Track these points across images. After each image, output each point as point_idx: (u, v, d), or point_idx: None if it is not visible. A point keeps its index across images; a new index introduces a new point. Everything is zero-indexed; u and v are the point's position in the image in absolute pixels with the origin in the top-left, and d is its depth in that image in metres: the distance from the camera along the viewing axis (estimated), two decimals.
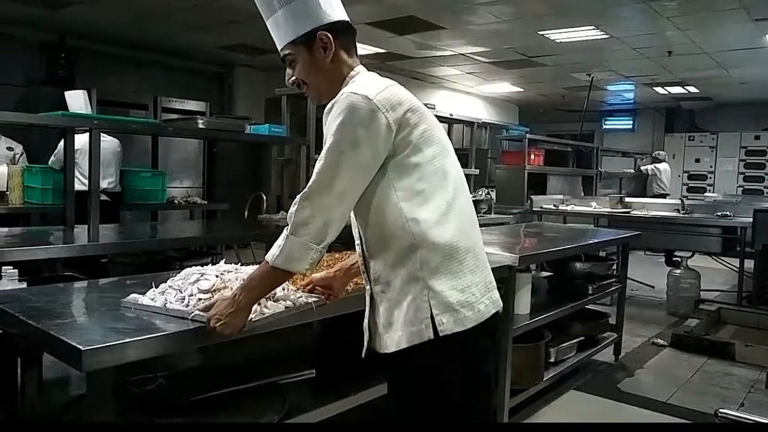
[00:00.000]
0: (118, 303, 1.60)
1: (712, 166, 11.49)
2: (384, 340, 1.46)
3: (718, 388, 3.57)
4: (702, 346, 4.22)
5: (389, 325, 1.45)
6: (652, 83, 9.69)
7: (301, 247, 1.37)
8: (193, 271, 1.72)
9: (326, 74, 1.49)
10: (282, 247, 1.38)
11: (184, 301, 1.57)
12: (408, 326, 1.41)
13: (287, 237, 1.38)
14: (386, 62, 8.32)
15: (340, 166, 1.37)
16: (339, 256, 2.04)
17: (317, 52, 1.48)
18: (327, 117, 1.42)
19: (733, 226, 5.38)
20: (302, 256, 1.39)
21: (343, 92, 1.41)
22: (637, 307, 5.43)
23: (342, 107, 1.38)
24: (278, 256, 1.38)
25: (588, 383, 3.61)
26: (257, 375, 1.99)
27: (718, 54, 7.47)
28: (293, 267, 1.40)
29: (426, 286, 1.41)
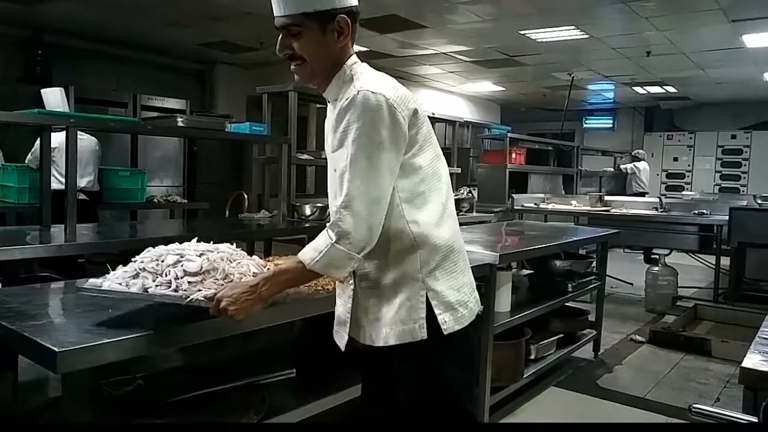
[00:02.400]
0: (96, 304, 1.58)
1: (690, 164, 11.68)
2: (370, 333, 1.48)
3: (695, 384, 3.63)
4: (679, 342, 4.29)
5: (376, 320, 1.47)
6: (632, 83, 9.81)
7: (344, 256, 1.37)
8: (163, 251, 1.58)
9: (330, 58, 1.45)
10: (323, 254, 1.37)
11: (171, 285, 1.47)
12: (399, 324, 1.44)
13: (331, 245, 1.36)
14: (369, 60, 8.27)
15: (372, 172, 1.37)
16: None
17: (330, 34, 1.42)
18: (341, 113, 1.38)
19: (710, 224, 5.48)
20: (343, 265, 1.39)
21: (357, 89, 1.36)
22: (616, 304, 5.51)
23: (363, 107, 1.35)
24: (318, 261, 1.37)
25: (568, 380, 3.66)
26: (237, 375, 1.98)
27: (696, 54, 7.58)
28: (332, 273, 1.41)
29: (425, 287, 1.44)
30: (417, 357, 1.46)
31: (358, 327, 1.51)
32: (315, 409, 1.91)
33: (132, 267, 1.54)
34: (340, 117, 1.38)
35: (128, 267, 1.54)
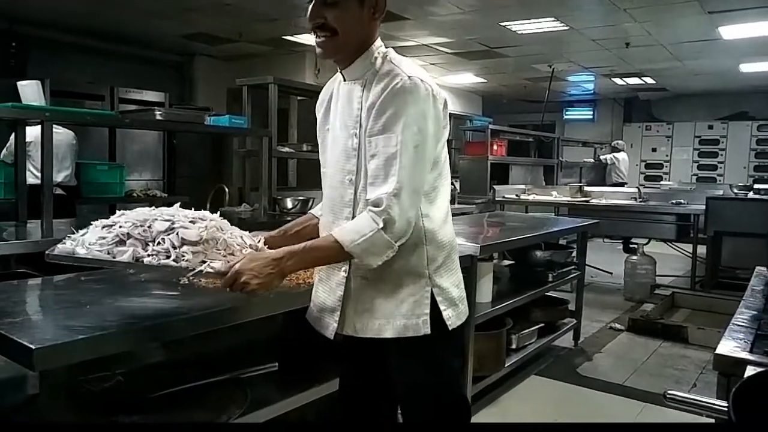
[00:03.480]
0: (73, 300, 1.57)
1: (668, 155, 11.83)
2: (354, 323, 1.47)
3: (672, 370, 3.71)
4: (657, 329, 4.37)
5: (365, 312, 1.46)
6: (611, 74, 9.89)
7: (386, 244, 1.35)
8: (146, 215, 1.41)
9: (360, 35, 1.43)
10: (366, 238, 1.33)
11: (169, 255, 1.33)
12: (400, 318, 1.43)
13: (376, 231, 1.33)
14: None
15: (418, 162, 1.37)
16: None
17: (367, 9, 1.41)
18: (388, 97, 1.35)
19: (687, 214, 5.57)
20: (381, 253, 1.36)
21: (406, 75, 1.36)
22: (595, 293, 5.58)
23: (416, 96, 1.35)
24: (359, 245, 1.33)
25: (548, 368, 3.70)
26: (219, 369, 1.97)
27: (673, 46, 7.66)
28: (367, 260, 1.36)
29: (430, 283, 1.45)
30: (418, 351, 1.45)
31: (343, 316, 1.49)
32: (298, 402, 1.91)
33: (113, 232, 1.36)
34: (388, 101, 1.35)
35: (104, 232, 1.37)
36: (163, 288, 1.81)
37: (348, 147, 1.45)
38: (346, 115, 1.46)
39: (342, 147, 1.46)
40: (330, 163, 1.52)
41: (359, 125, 1.42)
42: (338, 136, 1.48)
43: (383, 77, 1.39)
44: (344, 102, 1.48)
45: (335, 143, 1.49)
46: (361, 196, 1.42)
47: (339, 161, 1.47)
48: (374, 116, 1.37)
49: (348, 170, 1.45)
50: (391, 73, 1.38)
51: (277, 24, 6.96)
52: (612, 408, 3.16)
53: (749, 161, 10.94)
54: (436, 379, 1.49)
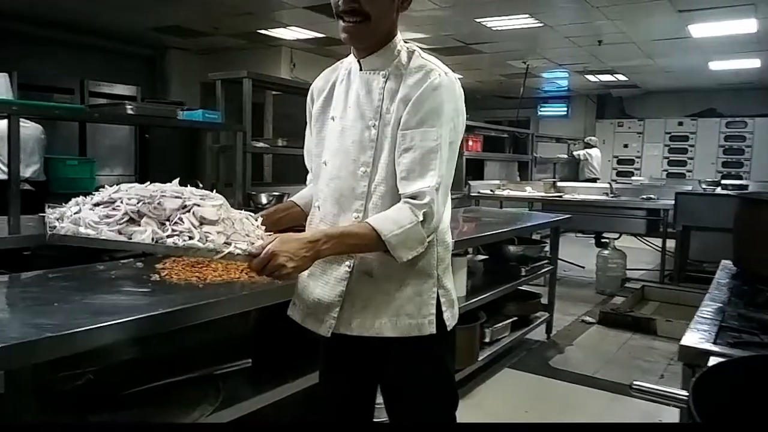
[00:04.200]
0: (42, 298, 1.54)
1: (640, 151, 12.03)
2: (350, 321, 1.43)
3: (641, 362, 3.79)
4: (627, 322, 4.47)
5: (364, 309, 1.42)
6: (584, 71, 10.03)
7: (420, 238, 1.33)
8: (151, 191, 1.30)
9: (388, 23, 1.41)
10: (405, 230, 1.30)
11: (193, 236, 1.22)
12: (404, 318, 1.41)
13: (416, 223, 1.31)
14: (325, 47, 8.24)
15: (452, 159, 1.38)
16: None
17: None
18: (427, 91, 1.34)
19: (657, 209, 5.69)
20: (414, 247, 1.34)
21: (433, 69, 1.37)
22: (568, 287, 5.67)
23: (452, 93, 1.37)
24: (396, 235, 1.30)
25: (521, 361, 3.76)
26: (192, 366, 1.96)
27: (645, 43, 7.79)
28: (399, 252, 1.32)
29: (437, 284, 1.44)
30: (419, 351, 1.44)
31: (341, 313, 1.44)
32: (271, 397, 1.91)
33: (120, 209, 1.24)
34: (426, 95, 1.34)
35: (106, 209, 1.26)
36: (133, 285, 1.80)
37: (364, 138, 1.40)
38: (364, 105, 1.42)
39: (356, 138, 1.42)
40: (336, 154, 1.45)
41: (379, 117, 1.39)
42: (350, 127, 1.43)
43: (416, 71, 1.38)
44: (361, 92, 1.43)
45: (345, 133, 1.44)
46: (377, 189, 1.39)
47: (350, 152, 1.42)
48: (411, 110, 1.35)
49: (363, 162, 1.40)
50: (425, 68, 1.38)
51: (252, 18, 6.90)
52: (582, 399, 3.22)
53: (717, 157, 11.19)
54: (435, 378, 1.49)
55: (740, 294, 1.95)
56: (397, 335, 1.41)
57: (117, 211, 1.24)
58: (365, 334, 1.42)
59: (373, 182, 1.40)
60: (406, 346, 1.42)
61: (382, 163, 1.39)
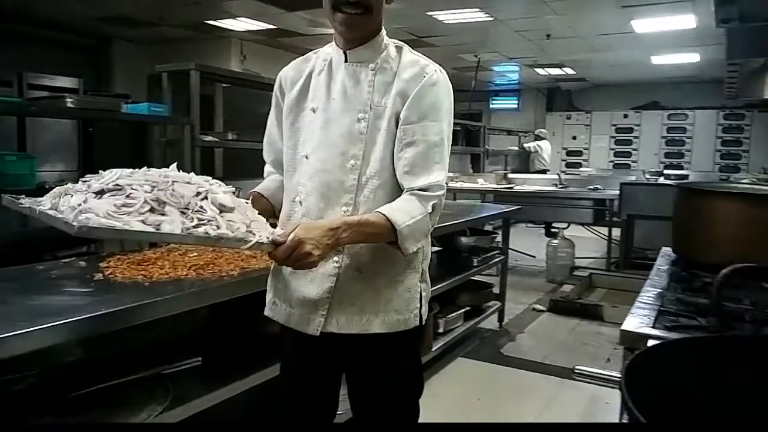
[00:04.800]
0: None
1: (587, 142, 12.38)
2: (337, 319, 1.40)
3: (589, 347, 3.93)
4: (575, 309, 4.61)
5: (351, 306, 1.40)
6: (534, 65, 10.23)
7: (427, 230, 1.36)
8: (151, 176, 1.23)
9: (380, 16, 1.42)
10: (416, 221, 1.31)
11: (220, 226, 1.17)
12: (393, 314, 1.41)
13: (425, 215, 1.33)
14: (276, 39, 8.13)
15: (448, 153, 1.42)
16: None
17: None
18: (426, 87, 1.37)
19: (603, 198, 5.88)
20: (420, 239, 1.36)
21: (428, 64, 1.41)
22: (519, 276, 5.81)
23: (448, 90, 1.41)
24: (408, 226, 1.30)
25: (474, 350, 3.83)
26: (141, 366, 1.92)
27: (591, 38, 8.00)
28: (407, 244, 1.32)
29: (422, 278, 1.47)
30: (400, 345, 1.45)
31: (330, 313, 1.41)
32: (222, 395, 1.89)
33: (137, 198, 1.15)
34: (426, 91, 1.37)
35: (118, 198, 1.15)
36: (76, 284, 1.75)
37: (354, 130, 1.39)
38: (352, 97, 1.40)
39: (344, 130, 1.39)
40: (319, 147, 1.42)
41: (370, 109, 1.39)
42: (336, 119, 1.41)
43: (410, 66, 1.40)
44: (348, 84, 1.41)
45: (330, 125, 1.41)
46: (369, 182, 1.38)
47: (338, 145, 1.39)
48: (411, 105, 1.36)
49: (352, 155, 1.38)
50: (420, 63, 1.41)
51: (199, 8, 6.73)
52: (533, 385, 3.32)
53: (660, 148, 11.62)
54: (413, 372, 1.52)
55: (679, 279, 2.04)
56: (385, 331, 1.41)
57: (134, 200, 1.15)
58: (352, 331, 1.40)
59: (364, 175, 1.38)
60: (389, 341, 1.42)
61: (375, 156, 1.38)
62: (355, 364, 1.49)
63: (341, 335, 1.40)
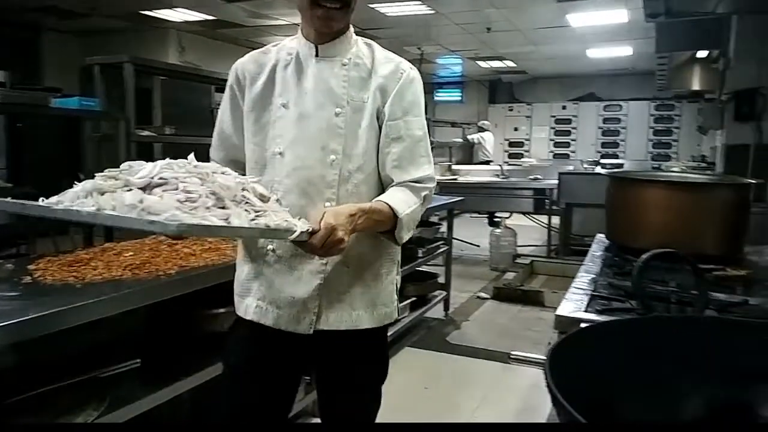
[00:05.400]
0: None
1: (528, 133, 12.71)
2: (327, 317, 1.38)
3: (531, 332, 4.05)
4: (518, 296, 4.75)
5: (340, 302, 1.39)
6: (476, 57, 10.39)
7: (417, 221, 1.39)
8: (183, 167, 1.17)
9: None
10: (413, 210, 1.36)
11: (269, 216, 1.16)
12: (381, 307, 1.43)
13: (419, 205, 1.38)
14: (216, 30, 7.94)
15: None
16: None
17: None
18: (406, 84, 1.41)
19: (542, 188, 6.06)
20: (412, 228, 1.38)
21: (402, 60, 1.45)
22: (464, 266, 5.92)
23: (419, 83, 1.45)
24: (408, 214, 1.34)
25: (421, 339, 3.89)
26: (76, 371, 1.85)
27: (529, 31, 8.19)
28: (402, 233, 1.35)
29: (398, 271, 1.49)
30: (380, 338, 1.48)
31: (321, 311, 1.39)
32: (162, 397, 1.85)
33: (197, 193, 1.11)
34: (406, 87, 1.41)
35: (175, 193, 1.10)
36: (3, 288, 1.67)
37: (332, 125, 1.38)
38: (327, 92, 1.39)
39: (322, 125, 1.38)
40: (296, 143, 1.38)
41: (346, 104, 1.38)
42: (312, 114, 1.38)
43: (385, 62, 1.43)
44: (320, 79, 1.40)
45: (306, 121, 1.38)
46: (353, 176, 1.38)
47: (316, 140, 1.37)
48: (394, 101, 1.39)
49: (332, 149, 1.37)
50: (394, 60, 1.44)
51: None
52: (477, 371, 3.40)
53: (597, 138, 12.05)
54: (384, 360, 1.54)
55: (611, 265, 2.13)
56: (374, 325, 1.42)
57: (193, 194, 1.10)
58: (342, 327, 1.39)
59: (345, 170, 1.37)
60: (372, 335, 1.44)
61: (357, 151, 1.38)
62: (332, 358, 1.47)
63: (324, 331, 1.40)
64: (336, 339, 1.40)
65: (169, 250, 2.03)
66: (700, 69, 6.14)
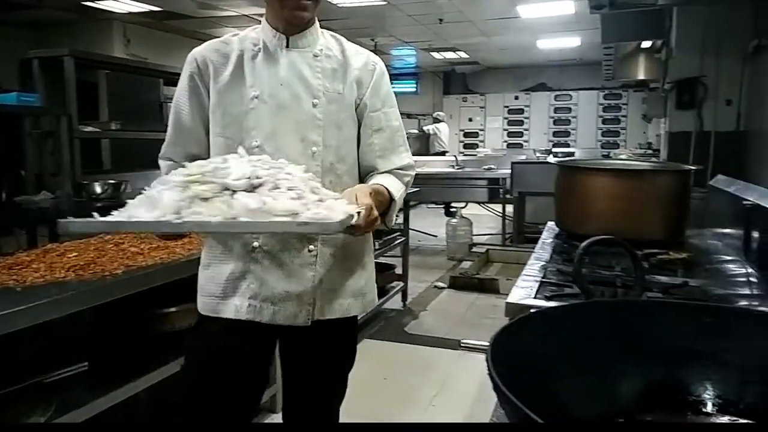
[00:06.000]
0: None
1: (482, 124, 12.88)
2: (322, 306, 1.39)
3: (486, 319, 4.12)
4: (474, 284, 4.82)
5: (330, 291, 1.41)
6: (429, 48, 10.43)
7: (401, 206, 1.45)
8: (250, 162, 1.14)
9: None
10: (401, 194, 1.44)
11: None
12: (369, 294, 1.50)
13: (404, 189, 1.46)
14: (163, 22, 7.72)
15: None
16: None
17: None
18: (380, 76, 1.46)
19: (496, 178, 6.16)
20: (396, 213, 1.44)
21: (370, 52, 1.49)
22: (422, 256, 5.97)
23: (388, 75, 1.50)
24: (400, 198, 1.42)
25: (380, 330, 3.92)
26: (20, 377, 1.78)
27: (481, 22, 8.27)
28: (392, 215, 1.41)
29: (372, 258, 1.53)
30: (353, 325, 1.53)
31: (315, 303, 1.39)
32: (111, 400, 1.80)
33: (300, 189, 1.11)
34: (380, 79, 1.46)
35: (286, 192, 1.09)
36: None
37: (311, 116, 1.37)
38: (303, 84, 1.38)
39: (301, 117, 1.37)
40: (274, 135, 1.35)
41: (322, 95, 1.39)
42: (289, 106, 1.36)
43: (356, 55, 1.46)
44: (294, 70, 1.38)
45: (283, 113, 1.36)
46: (335, 167, 1.39)
47: (297, 132, 1.36)
48: (372, 94, 1.44)
49: (312, 141, 1.37)
50: (364, 52, 1.48)
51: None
52: (435, 360, 3.44)
53: (549, 128, 12.31)
54: (356, 349, 1.58)
55: (560, 251, 2.18)
56: (361, 313, 1.48)
57: (299, 191, 1.11)
58: (335, 316, 1.42)
59: (327, 161, 1.38)
60: (354, 322, 1.50)
61: (338, 143, 1.40)
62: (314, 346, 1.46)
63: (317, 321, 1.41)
64: (326, 328, 1.42)
65: (115, 250, 1.97)
66: (644, 59, 6.34)
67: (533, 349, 0.88)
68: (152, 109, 5.49)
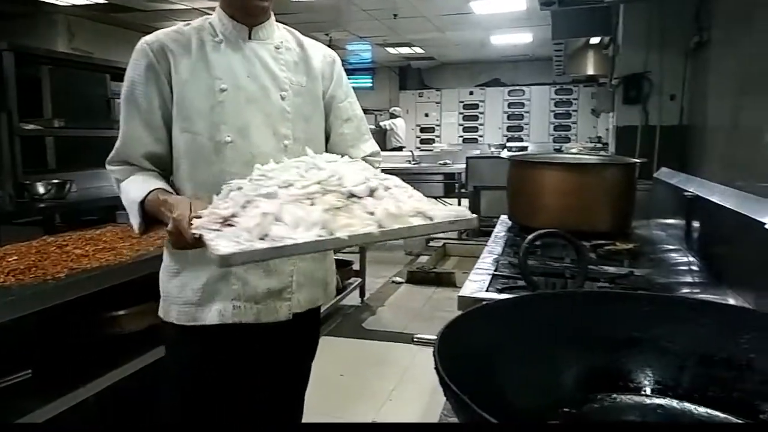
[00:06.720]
0: None
1: (438, 119, 12.98)
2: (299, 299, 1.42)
3: (444, 313, 4.16)
4: (431, 278, 4.87)
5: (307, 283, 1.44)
6: (384, 44, 10.43)
7: None
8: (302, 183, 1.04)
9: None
10: None
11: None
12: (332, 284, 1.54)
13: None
14: (109, 15, 7.46)
15: None
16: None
17: None
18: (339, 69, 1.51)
19: (452, 172, 6.23)
20: None
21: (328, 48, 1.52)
22: (379, 251, 5.96)
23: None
24: None
25: (337, 327, 3.91)
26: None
27: (435, 18, 8.32)
28: None
29: None
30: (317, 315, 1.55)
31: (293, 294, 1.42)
32: (57, 407, 1.74)
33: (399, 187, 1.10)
34: (340, 70, 1.51)
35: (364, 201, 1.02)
36: None
37: (280, 109, 1.36)
38: (269, 76, 1.37)
39: (271, 110, 1.35)
40: (247, 128, 1.31)
41: (289, 88, 1.39)
42: (258, 98, 1.33)
43: (313, 47, 1.48)
44: (258, 62, 1.36)
45: (254, 105, 1.32)
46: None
47: (268, 125, 1.34)
48: (336, 85, 1.48)
49: (283, 134, 1.36)
50: (319, 45, 1.51)
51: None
52: (393, 355, 3.46)
53: (503, 122, 12.50)
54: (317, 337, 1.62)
55: (512, 244, 2.23)
56: (326, 301, 1.52)
57: (407, 188, 1.13)
58: (308, 307, 1.44)
59: (297, 154, 1.27)
60: (317, 313, 1.53)
61: (306, 136, 1.39)
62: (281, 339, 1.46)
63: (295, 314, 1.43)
64: (296, 319, 1.42)
65: (58, 252, 1.90)
66: (593, 55, 6.49)
67: (479, 342, 0.89)
68: (99, 105, 5.32)
